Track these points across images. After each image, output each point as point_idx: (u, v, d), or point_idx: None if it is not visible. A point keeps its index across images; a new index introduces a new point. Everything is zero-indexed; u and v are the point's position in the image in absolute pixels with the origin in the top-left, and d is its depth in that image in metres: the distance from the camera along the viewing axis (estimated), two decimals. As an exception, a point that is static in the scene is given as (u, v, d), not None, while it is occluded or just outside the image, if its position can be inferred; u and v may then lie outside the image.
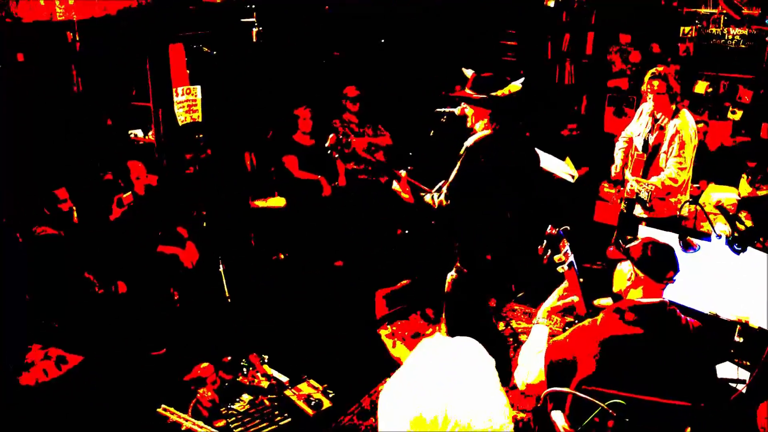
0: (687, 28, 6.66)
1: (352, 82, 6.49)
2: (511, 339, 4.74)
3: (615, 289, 2.58)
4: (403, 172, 3.65)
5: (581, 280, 2.75)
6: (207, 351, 4.19)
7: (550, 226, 2.70)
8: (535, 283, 5.04)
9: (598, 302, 5.19)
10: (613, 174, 4.99)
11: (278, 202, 5.85)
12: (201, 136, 5.21)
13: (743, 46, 6.39)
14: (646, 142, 4.72)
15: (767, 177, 6.25)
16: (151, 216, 4.61)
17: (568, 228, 2.71)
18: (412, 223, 6.57)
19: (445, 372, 2.28)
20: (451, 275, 3.59)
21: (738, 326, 3.31)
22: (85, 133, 5.13)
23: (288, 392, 3.36)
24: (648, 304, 2.42)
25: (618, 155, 4.97)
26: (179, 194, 5.07)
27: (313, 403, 3.32)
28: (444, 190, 3.46)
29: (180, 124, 5.06)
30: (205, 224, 5.58)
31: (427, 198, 3.54)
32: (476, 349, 2.45)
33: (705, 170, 5.89)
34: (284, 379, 3.53)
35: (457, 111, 3.66)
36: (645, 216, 4.84)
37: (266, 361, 3.63)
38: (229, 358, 3.57)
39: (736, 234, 2.93)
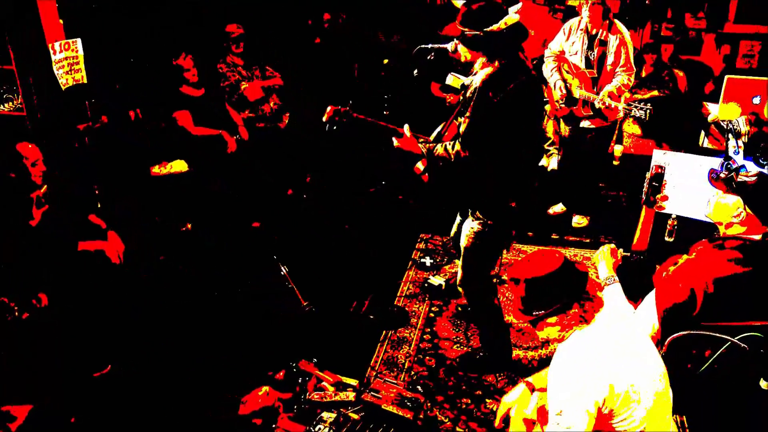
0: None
1: (230, 19, 5.72)
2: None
3: (714, 220, 2.50)
4: (406, 127, 3.19)
5: None
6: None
7: (655, 166, 2.55)
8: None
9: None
10: (558, 95, 4.91)
11: (180, 166, 5.04)
12: (93, 101, 4.22)
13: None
14: (587, 59, 4.75)
15: (643, 81, 6.72)
16: (61, 209, 3.69)
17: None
18: (322, 168, 6.12)
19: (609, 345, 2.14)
20: (473, 228, 3.30)
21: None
22: None
23: (367, 397, 2.85)
24: (761, 242, 2.37)
25: (555, 75, 4.91)
26: (77, 175, 4.13)
27: (409, 404, 2.84)
28: (460, 138, 3.11)
29: (63, 87, 4.05)
30: (100, 205, 4.69)
31: (439, 149, 3.16)
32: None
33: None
34: (353, 382, 3.00)
35: (450, 47, 3.26)
36: (593, 126, 4.91)
37: (317, 364, 3.05)
38: (283, 373, 2.93)
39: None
